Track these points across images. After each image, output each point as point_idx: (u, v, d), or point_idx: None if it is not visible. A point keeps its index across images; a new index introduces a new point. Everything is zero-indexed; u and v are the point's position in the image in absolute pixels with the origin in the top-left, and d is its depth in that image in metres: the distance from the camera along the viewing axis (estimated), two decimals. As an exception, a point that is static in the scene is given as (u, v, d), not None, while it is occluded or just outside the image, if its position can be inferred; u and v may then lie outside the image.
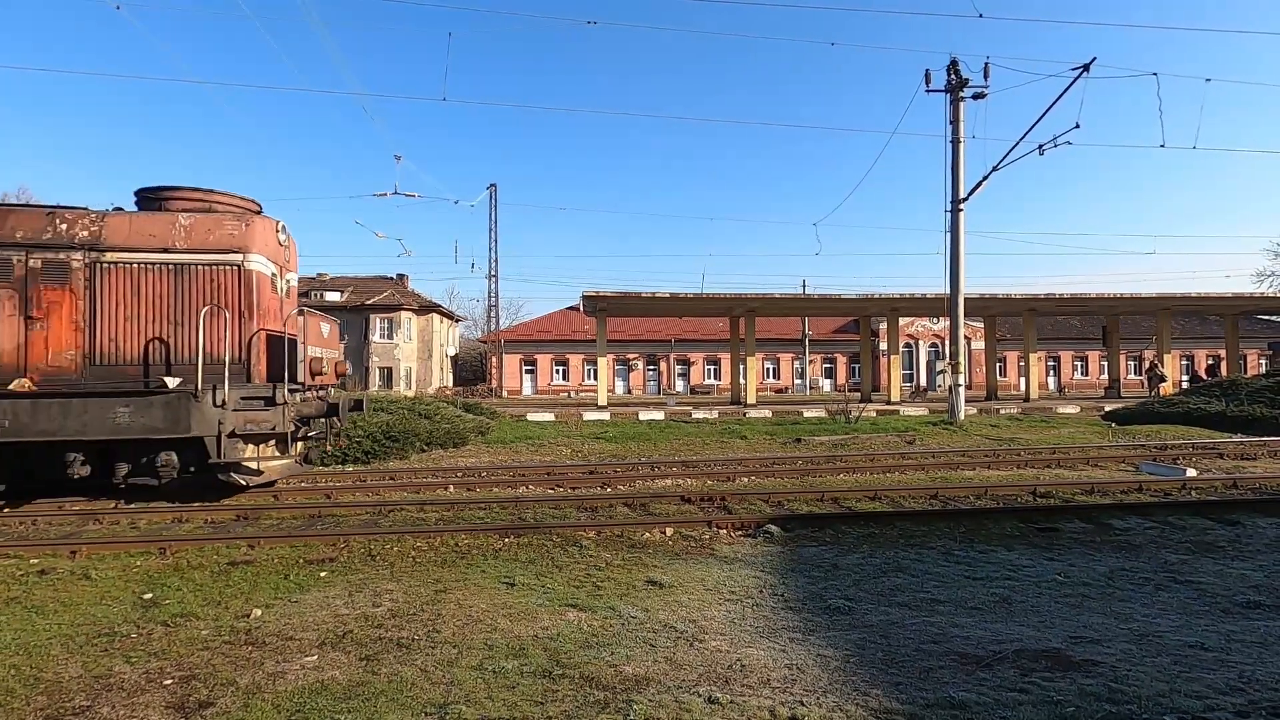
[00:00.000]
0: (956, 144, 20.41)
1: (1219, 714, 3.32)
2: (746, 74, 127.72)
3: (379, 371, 44.88)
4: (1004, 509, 8.28)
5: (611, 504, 9.18)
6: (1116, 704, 3.43)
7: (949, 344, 22.97)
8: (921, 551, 6.70)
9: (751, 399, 28.95)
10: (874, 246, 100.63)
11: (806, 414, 23.26)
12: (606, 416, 23.23)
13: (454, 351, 57.09)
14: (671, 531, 7.60)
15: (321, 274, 50.52)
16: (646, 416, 23.10)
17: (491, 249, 47.05)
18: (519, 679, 3.84)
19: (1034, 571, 6.02)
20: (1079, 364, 51.64)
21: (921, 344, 48.87)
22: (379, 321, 45.67)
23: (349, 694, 3.69)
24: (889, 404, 27.61)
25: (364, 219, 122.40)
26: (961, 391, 20.86)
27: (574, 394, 46.46)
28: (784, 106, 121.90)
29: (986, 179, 20.09)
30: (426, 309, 49.33)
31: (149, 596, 5.63)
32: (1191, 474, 11.12)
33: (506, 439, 17.97)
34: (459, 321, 61.29)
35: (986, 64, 19.73)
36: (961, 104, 20.24)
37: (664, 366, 50.06)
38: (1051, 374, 50.59)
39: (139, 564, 6.70)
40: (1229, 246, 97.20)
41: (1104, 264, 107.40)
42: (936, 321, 47.36)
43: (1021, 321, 32.94)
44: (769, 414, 23.40)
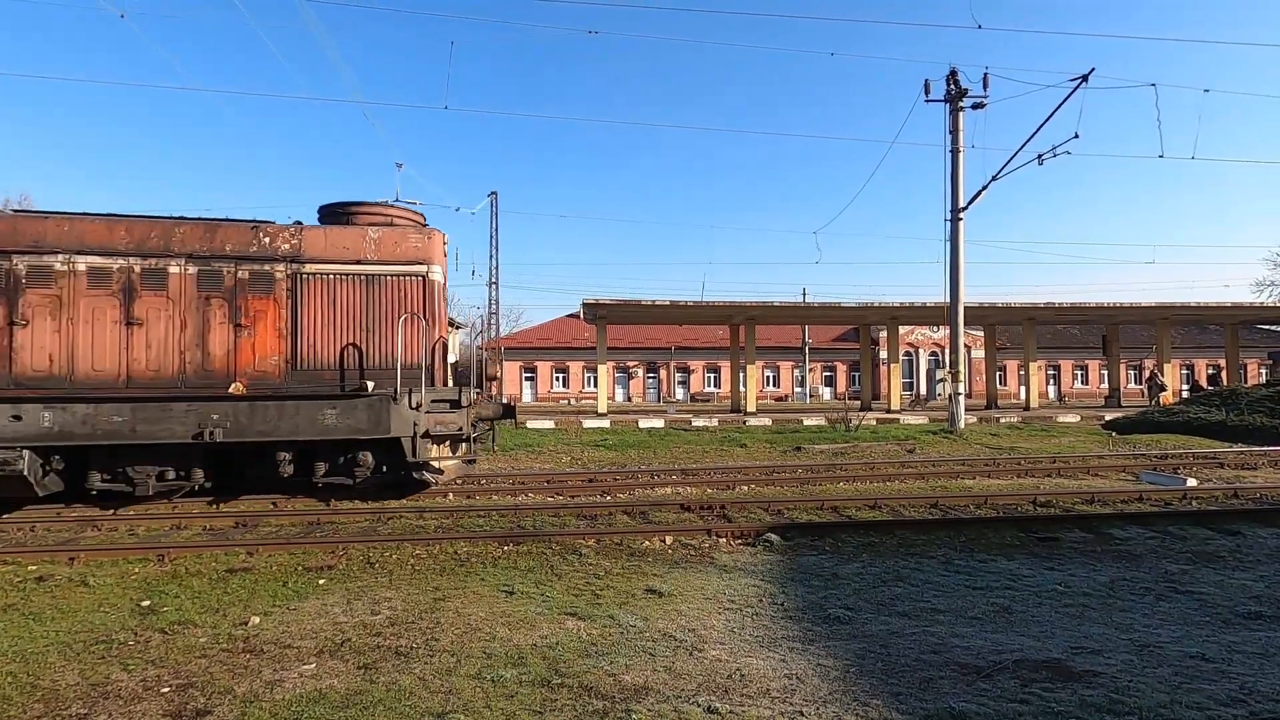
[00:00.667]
0: (956, 154, 20.49)
1: (1220, 725, 3.30)
2: (746, 83, 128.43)
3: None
4: (1004, 518, 8.26)
5: (611, 512, 9.18)
6: (1117, 715, 3.42)
7: (949, 352, 22.97)
8: (921, 561, 6.69)
9: (751, 407, 28.92)
10: (874, 255, 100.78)
11: (806, 422, 23.24)
12: (606, 424, 23.19)
13: (454, 359, 57.05)
14: (671, 540, 7.58)
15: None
16: (646, 424, 23.06)
17: (492, 256, 46.90)
18: (518, 688, 3.83)
19: (1034, 581, 6.01)
20: (1079, 373, 51.64)
21: (921, 352, 48.89)
22: (380, 327, 45.55)
23: (347, 702, 3.68)
24: (889, 412, 27.57)
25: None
26: (961, 400, 20.83)
27: (574, 401, 46.39)
28: (784, 115, 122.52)
29: (986, 188, 20.15)
30: (427, 315, 49.24)
31: (147, 604, 5.61)
32: (1192, 484, 11.10)
33: (506, 446, 17.94)
34: (459, 328, 61.31)
35: (985, 74, 19.87)
36: (961, 114, 20.32)
37: (664, 374, 50.07)
38: (1051, 383, 50.59)
39: (137, 571, 6.68)
40: (1228, 256, 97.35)
41: (1103, 273, 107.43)
42: (936, 330, 47.35)
43: (1021, 330, 32.92)
44: (769, 422, 23.38)
